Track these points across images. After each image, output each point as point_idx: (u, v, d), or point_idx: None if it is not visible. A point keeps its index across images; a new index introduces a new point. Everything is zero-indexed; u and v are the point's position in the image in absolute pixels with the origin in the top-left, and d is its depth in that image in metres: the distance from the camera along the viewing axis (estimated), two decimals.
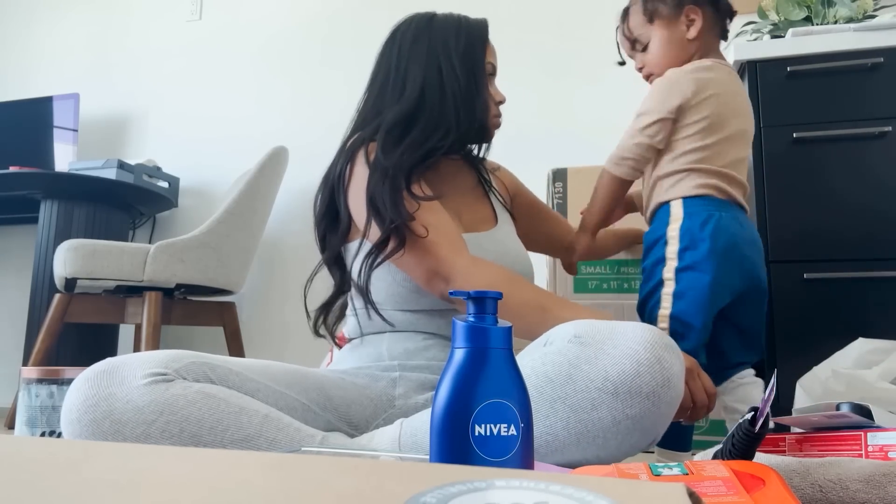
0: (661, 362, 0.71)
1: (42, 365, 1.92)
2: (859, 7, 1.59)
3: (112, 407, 0.71)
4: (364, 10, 2.53)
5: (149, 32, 2.80)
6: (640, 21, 1.11)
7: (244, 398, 0.77)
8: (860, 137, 1.42)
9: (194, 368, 0.77)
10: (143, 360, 0.75)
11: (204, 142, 2.63)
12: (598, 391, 0.71)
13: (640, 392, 0.70)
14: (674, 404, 0.73)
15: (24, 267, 2.74)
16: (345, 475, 0.29)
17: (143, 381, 0.73)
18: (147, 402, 0.71)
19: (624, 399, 0.70)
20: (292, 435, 0.75)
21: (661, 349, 0.72)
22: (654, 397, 0.70)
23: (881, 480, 0.60)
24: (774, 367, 1.39)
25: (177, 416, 0.72)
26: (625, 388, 0.70)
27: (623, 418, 0.70)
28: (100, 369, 0.74)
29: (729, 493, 0.49)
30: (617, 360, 0.71)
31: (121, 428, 0.71)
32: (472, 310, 0.50)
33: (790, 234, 1.43)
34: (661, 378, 0.70)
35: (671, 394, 0.71)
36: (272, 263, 2.48)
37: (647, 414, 0.71)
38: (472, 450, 0.46)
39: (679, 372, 0.73)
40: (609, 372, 0.71)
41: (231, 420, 0.73)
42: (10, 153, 2.55)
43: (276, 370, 0.88)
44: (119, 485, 0.27)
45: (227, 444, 0.73)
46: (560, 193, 2.08)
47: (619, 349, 0.72)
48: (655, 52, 1.10)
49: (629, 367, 0.71)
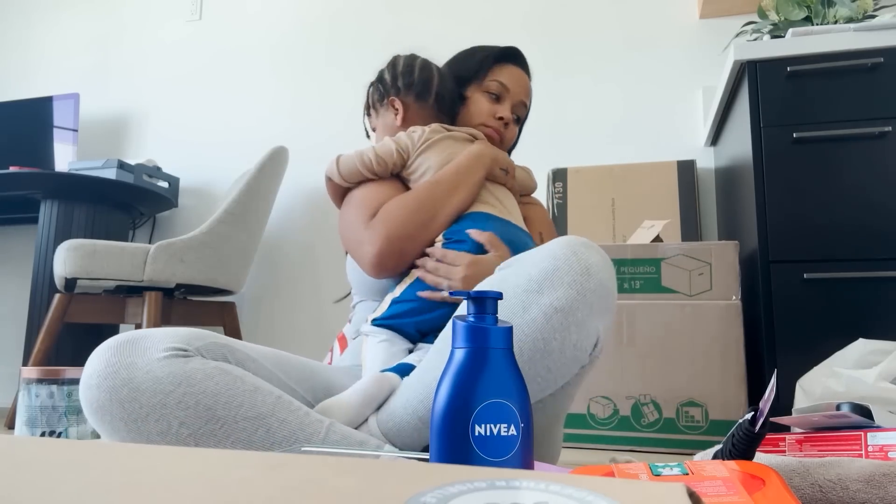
0: (577, 255, 0.75)
1: (42, 365, 1.92)
2: (859, 7, 1.59)
3: (132, 375, 0.73)
4: (365, 11, 2.53)
5: (149, 32, 2.80)
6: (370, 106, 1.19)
7: (259, 379, 0.79)
8: (860, 137, 1.42)
9: (214, 349, 0.80)
10: (166, 334, 0.77)
11: (204, 142, 2.63)
12: (525, 292, 0.75)
13: (561, 282, 0.73)
14: (601, 294, 0.75)
15: (24, 267, 2.74)
16: (345, 475, 0.29)
17: (164, 353, 0.75)
18: (166, 374, 0.73)
19: (549, 292, 0.74)
20: (302, 418, 0.77)
21: (578, 245, 0.76)
22: (576, 286, 0.73)
23: (881, 480, 0.60)
24: (774, 367, 1.39)
25: (194, 388, 0.73)
26: (548, 282, 0.74)
27: (552, 312, 0.73)
28: (123, 339, 0.76)
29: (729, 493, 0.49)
30: (537, 261, 0.76)
31: (138, 396, 0.72)
32: (471, 310, 0.50)
33: (790, 235, 1.43)
34: (580, 267, 0.74)
35: (593, 281, 0.74)
36: (272, 263, 2.48)
37: (575, 304, 0.73)
38: (472, 450, 0.46)
39: (598, 262, 0.76)
40: (531, 273, 0.75)
41: (245, 397, 0.75)
42: (10, 153, 2.55)
43: (290, 363, 0.90)
44: (119, 485, 0.27)
45: (240, 420, 0.74)
46: (560, 193, 2.08)
47: (538, 254, 0.77)
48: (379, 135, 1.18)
49: (548, 265, 0.75)
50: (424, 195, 0.99)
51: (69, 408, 1.22)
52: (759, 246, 1.44)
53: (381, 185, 1.04)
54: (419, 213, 0.97)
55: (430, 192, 0.99)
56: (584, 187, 2.03)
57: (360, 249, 0.98)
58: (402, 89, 1.11)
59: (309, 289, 2.41)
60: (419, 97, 1.10)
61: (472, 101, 1.13)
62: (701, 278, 1.54)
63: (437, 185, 1.00)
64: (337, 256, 2.39)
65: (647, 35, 2.20)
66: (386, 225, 0.96)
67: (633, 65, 2.20)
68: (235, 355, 0.82)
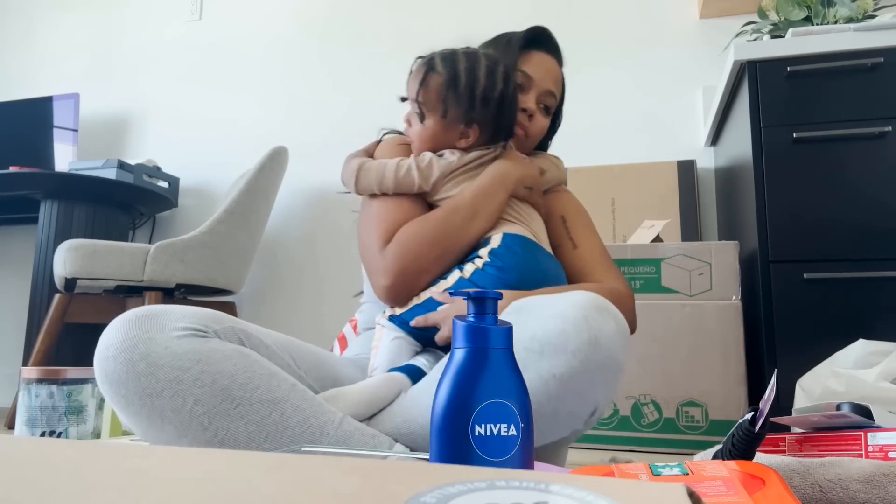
0: (588, 321, 0.70)
1: (42, 365, 1.92)
2: (859, 7, 1.59)
3: (150, 350, 0.73)
4: (364, 11, 2.53)
5: (149, 32, 2.80)
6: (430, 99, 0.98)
7: (275, 366, 0.79)
8: (860, 137, 1.42)
9: (230, 333, 0.79)
10: (185, 312, 0.77)
11: (204, 142, 2.63)
12: (526, 350, 0.71)
13: (564, 350, 0.69)
14: (607, 367, 0.70)
15: (24, 267, 2.74)
16: (345, 475, 0.29)
17: (182, 332, 0.75)
18: (185, 351, 0.73)
19: (549, 358, 0.70)
20: (316, 407, 0.77)
21: (591, 309, 0.71)
22: (580, 355, 0.69)
23: (881, 480, 0.60)
24: (774, 367, 1.39)
25: (212, 367, 0.73)
26: (550, 346, 0.70)
27: (549, 378, 0.70)
28: (141, 313, 0.76)
29: (729, 493, 0.49)
30: (545, 320, 0.71)
31: (155, 371, 0.72)
32: (471, 309, 0.50)
33: (790, 235, 1.43)
34: (588, 336, 0.69)
35: (600, 353, 0.69)
36: (272, 263, 2.48)
37: (575, 374, 0.69)
38: (472, 450, 0.46)
39: (610, 332, 0.70)
40: (536, 331, 0.71)
41: (262, 381, 0.75)
42: (10, 153, 2.55)
43: (300, 350, 0.90)
44: (119, 485, 0.27)
45: (255, 402, 0.74)
46: None
47: (548, 311, 0.72)
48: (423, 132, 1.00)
49: (554, 325, 0.70)
50: (442, 226, 0.93)
51: (69, 408, 1.22)
52: (759, 246, 1.44)
53: (400, 203, 0.97)
54: (436, 246, 0.92)
55: (447, 221, 0.93)
56: (584, 187, 2.03)
57: (374, 278, 0.94)
58: (478, 111, 0.96)
59: (309, 289, 2.41)
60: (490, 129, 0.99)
61: None
62: (701, 278, 1.54)
63: (456, 212, 0.93)
64: (337, 256, 2.40)
65: (647, 35, 2.20)
66: (400, 259, 0.91)
67: (633, 65, 2.20)
68: (251, 340, 0.82)
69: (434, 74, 0.97)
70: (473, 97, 0.95)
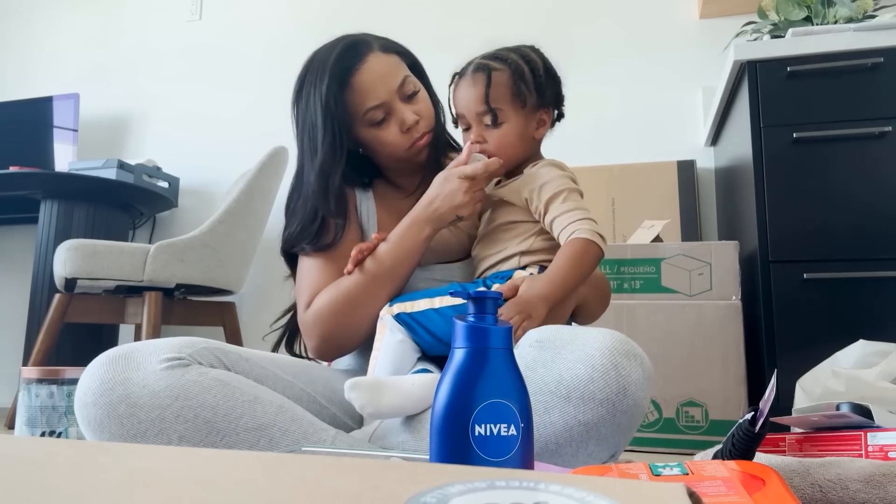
0: (618, 368, 0.69)
1: (42, 365, 1.92)
2: (859, 7, 1.59)
3: (128, 391, 0.72)
4: (364, 11, 2.53)
5: (149, 32, 2.80)
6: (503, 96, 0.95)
7: (259, 388, 0.78)
8: (860, 137, 1.42)
9: (207, 354, 0.78)
10: (158, 346, 0.76)
11: (204, 142, 2.63)
12: (551, 395, 0.70)
13: (593, 398, 0.68)
14: (632, 414, 0.69)
15: (24, 267, 2.74)
16: (345, 475, 0.29)
17: (160, 365, 0.73)
18: (163, 387, 0.72)
19: (576, 404, 0.69)
20: (305, 428, 0.75)
21: (620, 355, 0.69)
22: (608, 404, 0.68)
23: (881, 480, 0.60)
24: (774, 367, 1.39)
25: (192, 402, 0.72)
26: (577, 392, 0.69)
27: (575, 424, 0.69)
28: (116, 354, 0.75)
29: (729, 493, 0.49)
30: (572, 364, 0.70)
31: (136, 411, 0.71)
32: (471, 310, 0.50)
33: (790, 235, 1.43)
34: (617, 385, 0.68)
35: (627, 402, 0.69)
36: (272, 263, 2.47)
37: (602, 422, 0.68)
38: (472, 450, 0.46)
39: (638, 380, 0.70)
40: (563, 376, 0.70)
41: (245, 408, 0.74)
42: (10, 153, 2.55)
43: (285, 361, 0.90)
44: (119, 485, 0.27)
45: (241, 431, 0.73)
46: None
47: (575, 353, 0.71)
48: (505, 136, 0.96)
49: (583, 372, 0.69)
50: (357, 292, 0.90)
51: (69, 408, 1.22)
52: (759, 246, 1.44)
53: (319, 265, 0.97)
54: (353, 314, 0.90)
55: (363, 287, 0.90)
56: (583, 187, 2.03)
57: (304, 336, 0.96)
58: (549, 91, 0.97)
59: None
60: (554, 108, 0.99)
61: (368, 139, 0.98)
62: (701, 278, 1.54)
63: (374, 279, 0.90)
64: None
65: (647, 35, 2.20)
66: (319, 327, 0.92)
67: (633, 65, 2.20)
68: (229, 357, 0.81)
69: (497, 72, 0.93)
70: (540, 78, 0.95)
